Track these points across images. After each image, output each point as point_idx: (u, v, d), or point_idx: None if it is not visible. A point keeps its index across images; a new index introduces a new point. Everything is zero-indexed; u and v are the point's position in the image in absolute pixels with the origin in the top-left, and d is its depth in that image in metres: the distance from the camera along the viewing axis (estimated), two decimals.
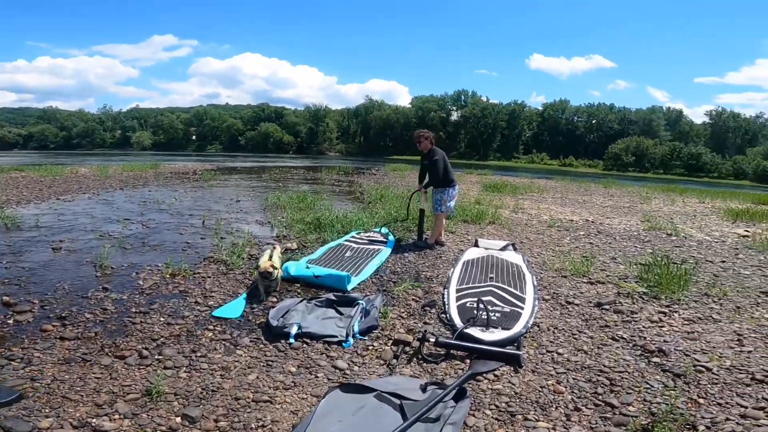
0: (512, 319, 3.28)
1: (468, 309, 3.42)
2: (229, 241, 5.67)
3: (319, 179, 17.98)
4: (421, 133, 5.48)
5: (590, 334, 3.21)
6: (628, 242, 6.49)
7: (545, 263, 5.03)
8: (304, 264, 4.26)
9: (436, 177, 5.37)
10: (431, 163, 5.38)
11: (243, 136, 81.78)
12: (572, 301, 3.84)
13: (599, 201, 12.87)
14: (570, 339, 3.13)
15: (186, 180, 14.85)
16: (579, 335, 3.19)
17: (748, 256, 5.71)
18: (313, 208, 8.61)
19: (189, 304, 3.64)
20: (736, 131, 78.24)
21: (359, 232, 5.92)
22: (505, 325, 3.18)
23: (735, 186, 47.71)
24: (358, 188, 13.73)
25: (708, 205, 13.20)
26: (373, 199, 10.30)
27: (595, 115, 79.83)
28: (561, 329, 3.29)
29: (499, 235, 6.62)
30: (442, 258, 5.13)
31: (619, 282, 4.36)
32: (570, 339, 3.13)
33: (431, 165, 5.39)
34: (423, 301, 3.72)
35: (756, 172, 65.96)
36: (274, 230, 6.54)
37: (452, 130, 78.91)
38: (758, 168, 66.17)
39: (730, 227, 8.34)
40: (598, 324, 3.39)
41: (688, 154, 70.59)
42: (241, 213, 8.13)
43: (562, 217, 8.82)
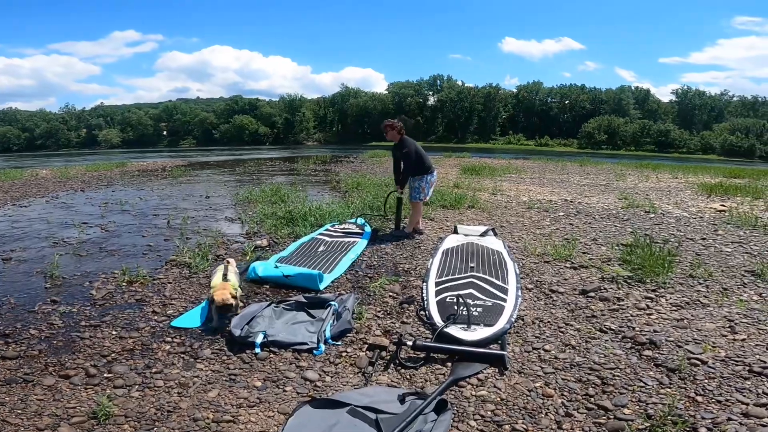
0: (495, 313, 3.08)
1: (448, 305, 3.21)
2: (195, 241, 5.30)
3: (295, 170, 17.49)
4: (387, 124, 5.18)
5: (577, 326, 3.04)
6: (607, 222, 6.41)
7: (526, 248, 4.86)
8: (272, 263, 3.97)
9: (408, 168, 5.12)
10: (403, 155, 5.11)
11: (217, 130, 79.51)
12: (556, 289, 3.68)
13: (576, 180, 12.88)
14: (556, 333, 2.96)
15: (154, 178, 14.16)
16: (566, 328, 3.02)
17: (727, 232, 5.69)
18: (286, 201, 8.26)
19: (145, 315, 3.32)
20: (702, 108, 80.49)
21: (334, 225, 5.64)
22: (487, 321, 2.98)
23: (703, 161, 49.23)
24: (335, 177, 13.38)
25: (681, 180, 13.40)
26: (349, 188, 9.99)
27: (568, 96, 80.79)
28: (547, 322, 3.11)
29: (479, 220, 6.44)
30: (421, 248, 4.91)
31: (602, 266, 4.22)
32: (556, 333, 2.96)
33: (402, 157, 5.13)
34: (401, 298, 3.49)
35: (723, 146, 68.38)
36: (244, 227, 6.18)
37: (429, 114, 78.69)
38: (725, 143, 68.58)
39: (705, 202, 8.40)
40: (584, 314, 3.23)
41: (657, 131, 72.48)
42: (210, 210, 7.70)
43: (541, 197, 8.72)
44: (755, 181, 13.52)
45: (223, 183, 12.26)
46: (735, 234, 5.61)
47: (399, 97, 79.21)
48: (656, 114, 79.71)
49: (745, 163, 46.27)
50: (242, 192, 9.48)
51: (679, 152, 68.12)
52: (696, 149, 70.28)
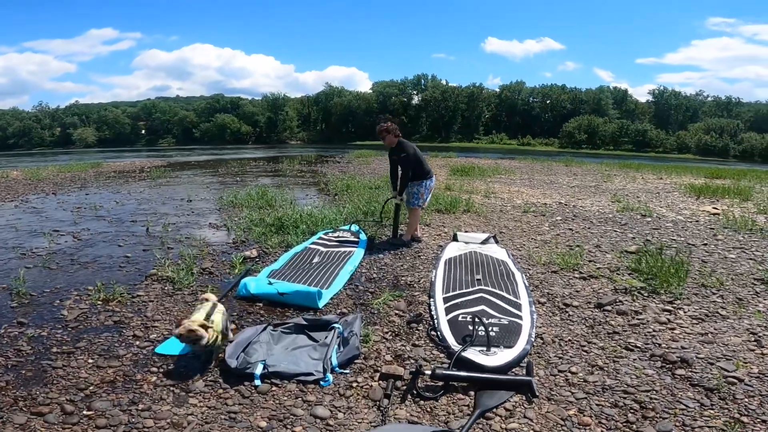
0: (513, 333, 2.87)
1: (462, 324, 2.97)
2: (177, 251, 4.94)
3: (280, 171, 17.05)
4: (382, 128, 4.88)
5: (600, 344, 2.86)
6: (606, 226, 6.29)
7: (531, 257, 4.68)
8: (265, 278, 3.66)
9: (408, 173, 4.84)
10: (401, 160, 4.84)
11: (198, 129, 77.82)
12: (570, 302, 3.49)
13: (565, 181, 12.88)
14: (580, 352, 2.76)
15: (131, 179, 13.54)
16: (589, 347, 2.83)
17: (726, 237, 5.63)
18: (274, 205, 7.91)
19: (125, 339, 2.98)
20: (677, 108, 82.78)
21: (327, 233, 5.34)
22: (506, 341, 2.76)
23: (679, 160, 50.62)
24: (323, 179, 13.04)
25: (667, 181, 13.55)
26: (339, 190, 9.69)
27: (549, 96, 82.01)
28: (567, 340, 2.91)
29: (476, 225, 6.25)
30: (421, 257, 4.67)
31: (612, 276, 4.06)
32: (580, 352, 2.76)
33: (402, 162, 4.85)
34: (408, 316, 3.24)
35: (698, 146, 70.45)
36: (230, 234, 5.82)
37: (414, 113, 78.72)
38: (700, 142, 70.69)
39: (697, 205, 8.42)
40: (605, 330, 3.05)
41: (635, 131, 74.25)
42: (192, 215, 7.29)
43: (534, 200, 8.60)
44: (737, 181, 13.79)
45: (206, 185, 11.79)
46: (735, 239, 5.55)
47: (383, 97, 79.07)
48: (634, 114, 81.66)
49: (719, 163, 47.70)
50: (226, 195, 9.07)
51: (655, 152, 69.93)
52: (672, 149, 72.25)
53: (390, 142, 4.90)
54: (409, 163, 4.77)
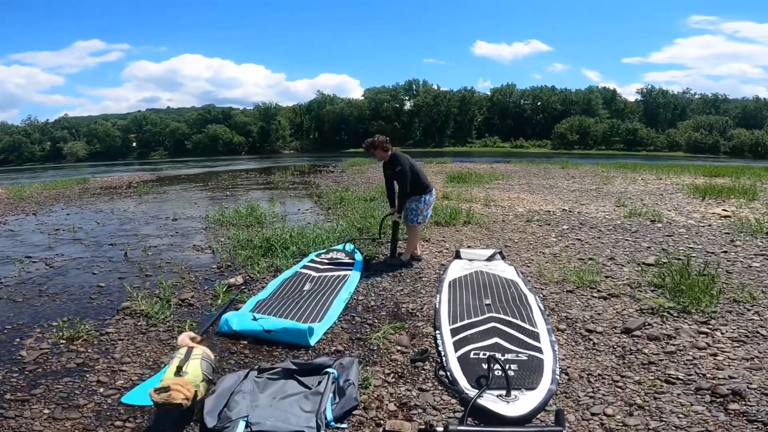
0: (534, 370, 2.48)
1: (474, 362, 2.58)
2: (156, 279, 4.50)
3: (272, 183, 16.63)
4: (368, 144, 4.52)
5: (636, 378, 2.48)
6: (616, 235, 5.93)
7: (542, 274, 4.29)
8: (249, 313, 3.24)
9: (405, 189, 4.45)
10: (396, 174, 4.45)
11: (189, 140, 77.21)
12: (593, 328, 3.10)
13: (564, 185, 12.56)
14: (614, 389, 2.39)
15: (117, 196, 13.06)
16: (623, 381, 2.45)
17: (745, 243, 5.29)
18: (263, 222, 7.49)
19: (89, 386, 2.59)
20: (666, 107, 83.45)
21: (320, 254, 4.92)
22: (528, 382, 2.37)
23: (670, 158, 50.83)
24: (315, 190, 12.64)
25: (667, 181, 13.27)
26: (332, 203, 9.28)
27: (540, 97, 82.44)
28: (597, 375, 2.53)
29: (479, 239, 5.87)
30: (423, 279, 4.27)
31: (634, 293, 3.69)
32: (614, 389, 2.39)
33: (397, 177, 4.47)
34: (412, 353, 2.84)
35: (688, 143, 70.92)
36: (215, 258, 5.40)
37: (406, 119, 78.68)
38: (690, 140, 71.16)
39: (705, 207, 8.10)
40: (638, 360, 2.68)
41: (625, 130, 74.66)
42: (176, 236, 6.85)
43: (537, 207, 8.25)
44: (737, 179, 13.55)
45: (194, 201, 11.32)
46: (753, 244, 5.21)
47: (375, 103, 79.01)
48: (623, 113, 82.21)
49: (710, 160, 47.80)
50: (214, 212, 8.64)
51: (647, 150, 70.28)
52: (663, 147, 72.63)
53: (381, 157, 4.53)
54: (405, 177, 4.38)
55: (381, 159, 4.55)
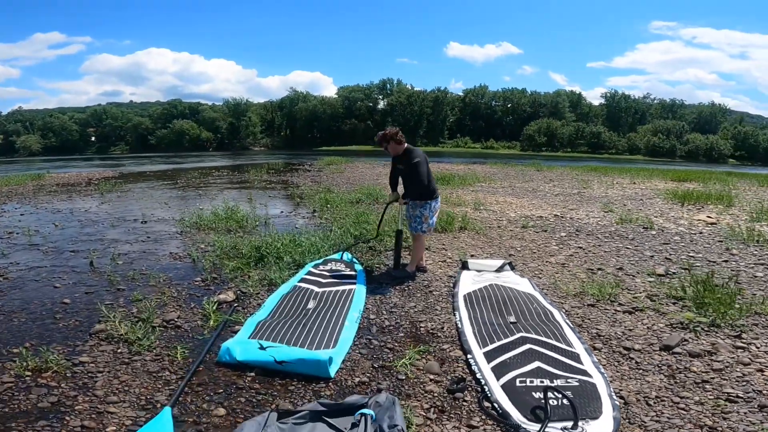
0: (591, 397, 2.25)
1: (522, 391, 2.31)
2: (131, 295, 3.98)
3: (247, 181, 15.91)
4: (381, 136, 4.17)
5: (695, 398, 2.34)
6: (615, 242, 5.86)
7: (557, 286, 4.09)
8: (253, 341, 2.82)
9: (417, 186, 4.09)
10: (410, 167, 4.07)
11: (153, 135, 73.87)
12: (629, 346, 2.92)
13: (546, 188, 12.65)
14: (677, 411, 2.24)
15: (76, 194, 12.05)
16: (684, 403, 2.30)
17: (740, 251, 5.31)
18: (246, 226, 6.99)
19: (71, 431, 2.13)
20: (627, 111, 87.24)
21: (317, 264, 4.52)
22: (589, 411, 2.14)
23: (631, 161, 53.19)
24: (296, 191, 12.12)
25: (641, 186, 13.62)
26: (318, 206, 8.85)
27: (511, 99, 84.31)
28: (654, 397, 2.36)
29: (480, 247, 5.64)
30: (434, 292, 3.97)
31: (658, 306, 3.54)
32: (677, 411, 2.24)
33: (411, 170, 4.08)
34: (446, 382, 2.53)
35: (647, 147, 74.45)
36: (197, 268, 4.88)
37: (380, 118, 78.54)
38: (649, 144, 74.71)
39: (688, 213, 8.24)
40: (689, 379, 2.53)
41: (590, 133, 77.59)
42: (148, 242, 6.24)
43: (528, 212, 8.15)
44: (705, 184, 14.10)
45: (164, 201, 10.56)
46: (749, 253, 5.24)
47: (349, 101, 78.51)
48: (588, 117, 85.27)
49: (667, 163, 50.41)
50: (188, 214, 8.02)
51: (609, 153, 73.26)
52: (624, 150, 75.93)
53: (394, 150, 4.18)
54: (420, 171, 4.03)
55: (394, 153, 4.21)
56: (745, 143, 74.39)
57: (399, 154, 4.21)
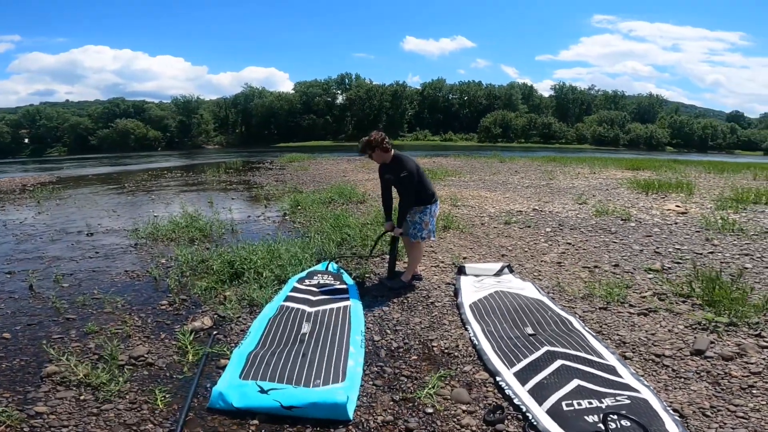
0: (648, 414, 2.06)
1: (572, 416, 2.06)
2: (83, 325, 3.36)
3: (204, 182, 14.91)
4: (366, 143, 3.77)
5: (750, 405, 2.22)
6: (600, 236, 5.81)
7: (562, 289, 3.89)
8: (247, 378, 2.37)
9: (410, 198, 3.76)
10: (399, 180, 3.72)
11: (94, 136, 68.82)
12: (659, 352, 2.76)
13: (514, 180, 12.73)
14: (738, 421, 2.11)
15: (9, 202, 10.69)
16: (740, 411, 2.17)
17: (721, 241, 5.39)
18: (211, 234, 6.36)
19: None
20: (575, 102, 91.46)
21: (301, 278, 4.06)
22: (655, 429, 1.93)
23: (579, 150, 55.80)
24: (260, 191, 11.42)
25: (602, 175, 14.03)
26: (288, 208, 8.29)
27: (467, 92, 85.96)
28: (709, 407, 2.22)
29: (469, 247, 5.39)
30: (436, 304, 3.65)
31: (669, 306, 3.41)
32: (738, 421, 2.11)
33: (400, 183, 3.74)
34: (480, 412, 2.22)
35: (593, 136, 78.51)
36: (160, 289, 4.27)
37: (338, 113, 77.55)
38: (595, 133, 78.80)
39: (653, 202, 8.45)
40: (734, 385, 2.40)
41: (542, 124, 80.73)
42: (97, 258, 5.48)
43: (506, 207, 8.04)
44: (657, 172, 14.79)
45: (111, 209, 9.55)
46: (730, 243, 5.33)
47: (307, 97, 76.95)
48: (539, 108, 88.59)
49: (612, 152, 53.31)
50: (142, 223, 7.24)
51: (559, 143, 76.63)
52: (573, 140, 79.67)
53: (380, 158, 3.81)
54: (412, 183, 3.71)
55: (380, 161, 3.83)
56: (681, 131, 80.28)
57: (386, 163, 3.84)
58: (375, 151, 3.73)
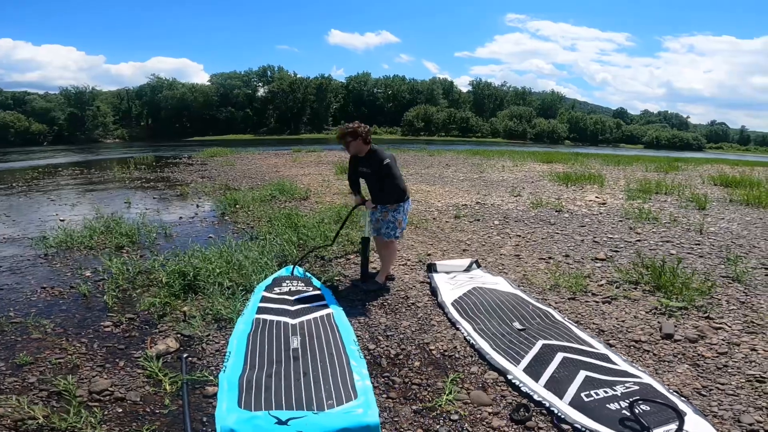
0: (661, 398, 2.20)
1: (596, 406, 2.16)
2: (12, 356, 2.74)
3: (113, 180, 13.23)
4: (348, 130, 3.61)
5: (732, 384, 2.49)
6: (542, 228, 6.24)
7: (530, 281, 4.09)
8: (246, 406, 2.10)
9: (390, 192, 3.63)
10: (378, 173, 3.59)
11: None
12: (636, 338, 3.01)
13: (448, 173, 13.19)
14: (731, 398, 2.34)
15: None
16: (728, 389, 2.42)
17: (642, 229, 6.06)
18: (139, 241, 5.64)
19: None
20: (489, 98, 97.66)
21: (267, 286, 3.73)
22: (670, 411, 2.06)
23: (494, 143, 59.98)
24: (186, 189, 10.43)
25: (524, 168, 15.14)
26: (226, 209, 7.66)
27: (391, 87, 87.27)
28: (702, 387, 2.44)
29: (428, 242, 5.44)
30: (417, 305, 3.59)
31: (626, 293, 3.74)
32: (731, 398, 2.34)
33: (380, 176, 3.59)
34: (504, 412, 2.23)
35: (505, 130, 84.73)
36: (96, 305, 3.66)
37: (260, 106, 73.98)
38: (506, 127, 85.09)
39: (574, 194, 9.30)
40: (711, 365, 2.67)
41: (460, 119, 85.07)
42: (1, 272, 4.54)
43: (450, 201, 8.28)
44: (568, 164, 16.37)
45: (3, 213, 8.03)
46: (649, 230, 6.03)
47: (224, 89, 72.23)
48: (458, 103, 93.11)
49: (522, 145, 58.05)
50: (48, 228, 6.19)
51: (476, 137, 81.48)
52: (488, 133, 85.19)
53: (357, 149, 3.66)
54: (392, 176, 3.58)
55: (356, 152, 3.68)
56: (577, 126, 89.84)
57: (361, 155, 3.70)
58: (356, 140, 3.59)
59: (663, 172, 14.54)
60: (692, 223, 6.38)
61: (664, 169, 15.37)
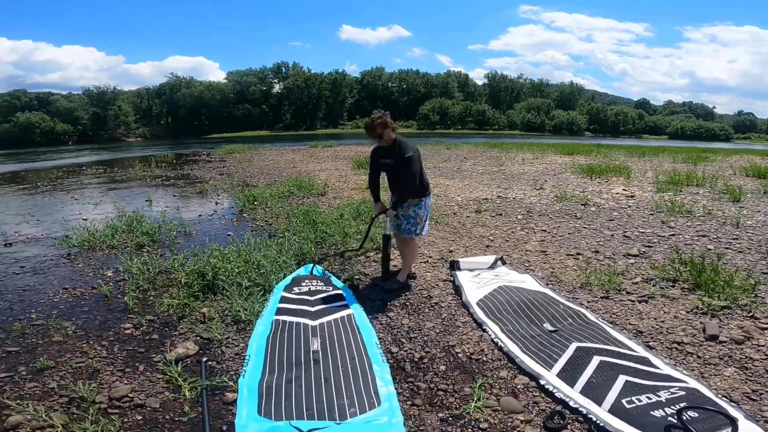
0: (711, 404, 2.05)
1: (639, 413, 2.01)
2: (32, 359, 2.74)
3: (134, 178, 13.45)
4: (376, 121, 3.44)
5: None
6: (569, 222, 6.00)
7: (559, 279, 3.90)
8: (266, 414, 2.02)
9: (410, 184, 3.46)
10: (401, 163, 3.43)
11: None
12: (678, 340, 2.81)
13: (467, 166, 12.95)
14: None
15: None
16: None
17: (676, 224, 5.76)
18: (159, 239, 5.65)
19: None
20: (506, 90, 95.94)
21: (286, 285, 3.66)
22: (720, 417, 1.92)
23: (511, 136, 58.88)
24: (205, 186, 10.50)
25: (545, 161, 14.75)
26: (243, 204, 7.65)
27: (406, 80, 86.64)
28: (751, 391, 2.26)
29: (451, 239, 5.29)
30: (440, 305, 3.46)
31: (664, 292, 3.53)
32: None
33: (402, 166, 3.43)
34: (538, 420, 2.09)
35: (523, 122, 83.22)
36: (116, 307, 3.65)
37: (275, 102, 74.50)
38: (524, 120, 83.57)
39: (600, 186, 8.97)
40: (759, 368, 2.48)
41: (477, 111, 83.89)
42: (24, 273, 4.56)
43: (470, 195, 8.08)
44: (590, 156, 15.89)
45: (27, 212, 8.21)
46: (683, 224, 5.72)
47: (241, 86, 73.03)
48: (474, 96, 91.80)
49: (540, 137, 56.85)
50: (71, 228, 6.27)
51: (493, 129, 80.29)
52: (504, 126, 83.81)
53: (388, 139, 3.51)
54: (412, 167, 3.41)
55: (389, 142, 3.53)
56: (597, 118, 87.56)
57: (387, 146, 3.56)
58: (388, 128, 3.46)
59: (691, 162, 13.95)
60: (728, 216, 6.04)
61: (693, 159, 14.74)
